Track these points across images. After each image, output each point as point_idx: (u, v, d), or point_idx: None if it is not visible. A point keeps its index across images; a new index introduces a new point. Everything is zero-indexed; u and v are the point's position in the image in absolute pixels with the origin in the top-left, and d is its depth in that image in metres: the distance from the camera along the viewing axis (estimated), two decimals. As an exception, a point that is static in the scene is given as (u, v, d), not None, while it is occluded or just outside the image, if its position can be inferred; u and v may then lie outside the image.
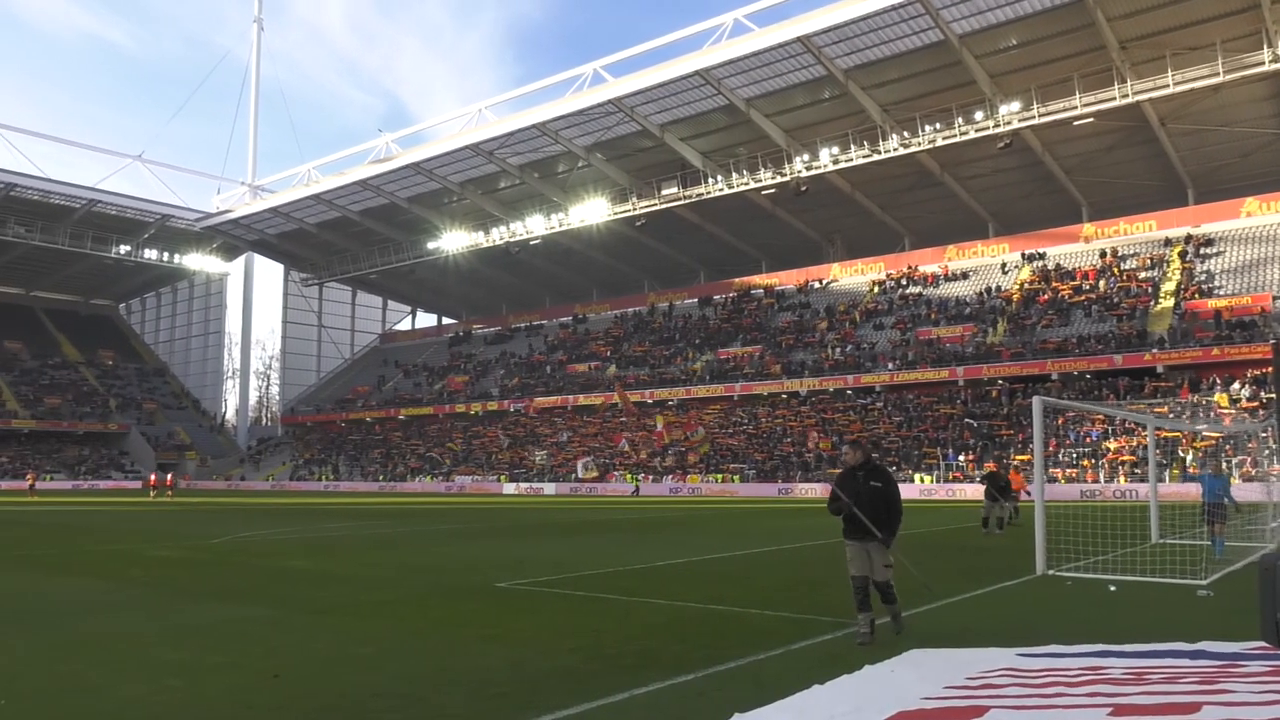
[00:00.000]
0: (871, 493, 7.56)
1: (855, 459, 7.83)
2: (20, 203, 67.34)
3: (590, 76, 51.40)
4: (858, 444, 8.13)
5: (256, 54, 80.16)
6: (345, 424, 74.32)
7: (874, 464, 7.83)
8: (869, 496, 7.53)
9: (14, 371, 75.03)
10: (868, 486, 7.58)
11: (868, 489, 7.57)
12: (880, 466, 7.88)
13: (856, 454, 7.86)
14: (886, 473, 7.82)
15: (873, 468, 7.76)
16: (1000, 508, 18.95)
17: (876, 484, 7.63)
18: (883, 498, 7.56)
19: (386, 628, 8.36)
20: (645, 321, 69.31)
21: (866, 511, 7.45)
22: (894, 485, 7.72)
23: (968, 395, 47.21)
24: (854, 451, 7.93)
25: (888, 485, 7.66)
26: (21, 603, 10.19)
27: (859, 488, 7.60)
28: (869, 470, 7.71)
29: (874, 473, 7.71)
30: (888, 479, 7.72)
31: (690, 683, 6.02)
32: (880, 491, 7.59)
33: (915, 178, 53.54)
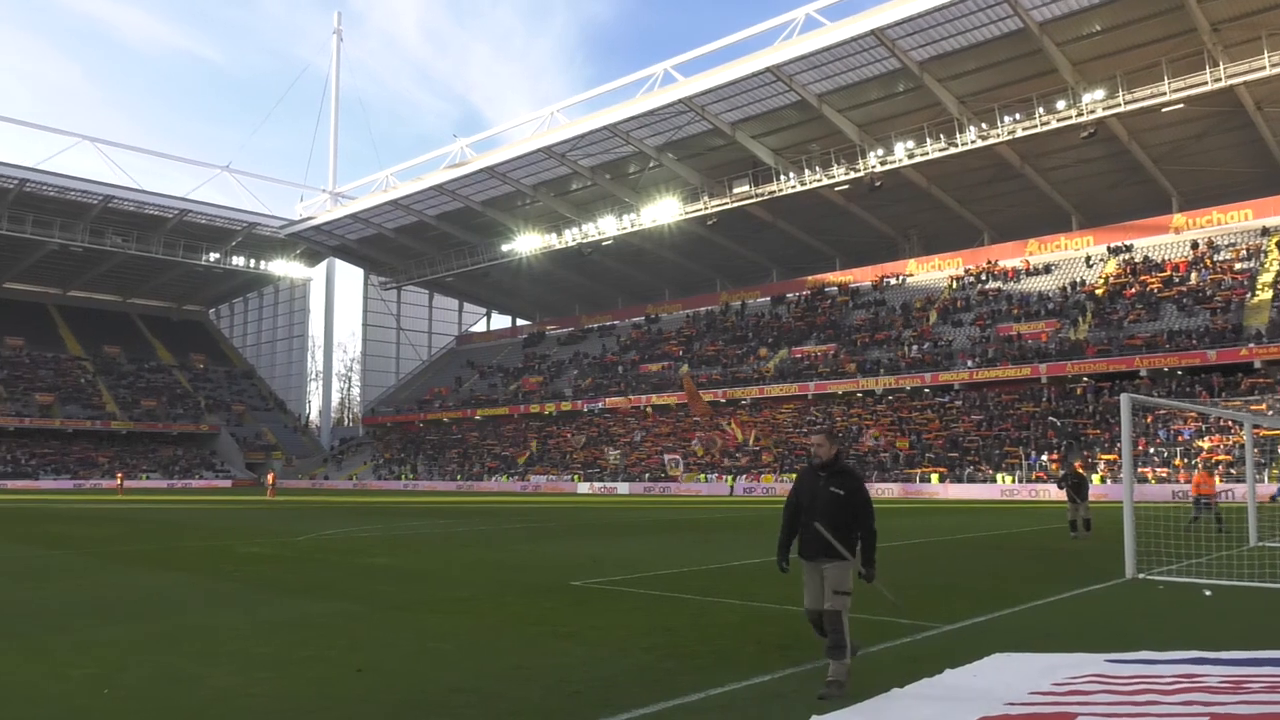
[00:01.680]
0: (830, 501, 5.92)
1: (824, 454, 6.16)
2: (117, 214, 70.47)
3: (661, 76, 51.47)
4: (832, 436, 6.29)
5: (336, 65, 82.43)
6: (423, 424, 75.82)
7: (841, 464, 6.15)
8: (825, 506, 5.93)
9: (113, 375, 78.51)
10: (826, 492, 5.96)
11: (826, 495, 5.95)
12: (849, 469, 6.19)
13: (828, 447, 6.17)
14: (855, 476, 6.15)
15: (839, 469, 6.09)
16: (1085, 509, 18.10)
17: (837, 490, 5.92)
18: (843, 510, 5.92)
19: (465, 624, 8.50)
20: (717, 321, 69.09)
21: (819, 521, 5.94)
22: (862, 494, 6.01)
23: (1051, 393, 45.88)
24: (826, 443, 6.19)
25: (853, 494, 5.94)
26: (124, 596, 10.66)
27: (816, 491, 6.02)
28: (833, 471, 6.06)
29: (839, 475, 6.04)
30: (854, 486, 6.02)
31: (767, 684, 5.99)
32: (840, 502, 5.91)
33: (994, 170, 52.22)
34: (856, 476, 6.14)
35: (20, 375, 73.09)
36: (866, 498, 5.99)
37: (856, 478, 6.13)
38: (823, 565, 5.89)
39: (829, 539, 5.83)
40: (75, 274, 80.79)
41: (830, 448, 6.16)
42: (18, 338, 77.04)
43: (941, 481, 42.69)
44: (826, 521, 5.87)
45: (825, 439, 6.21)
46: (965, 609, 8.99)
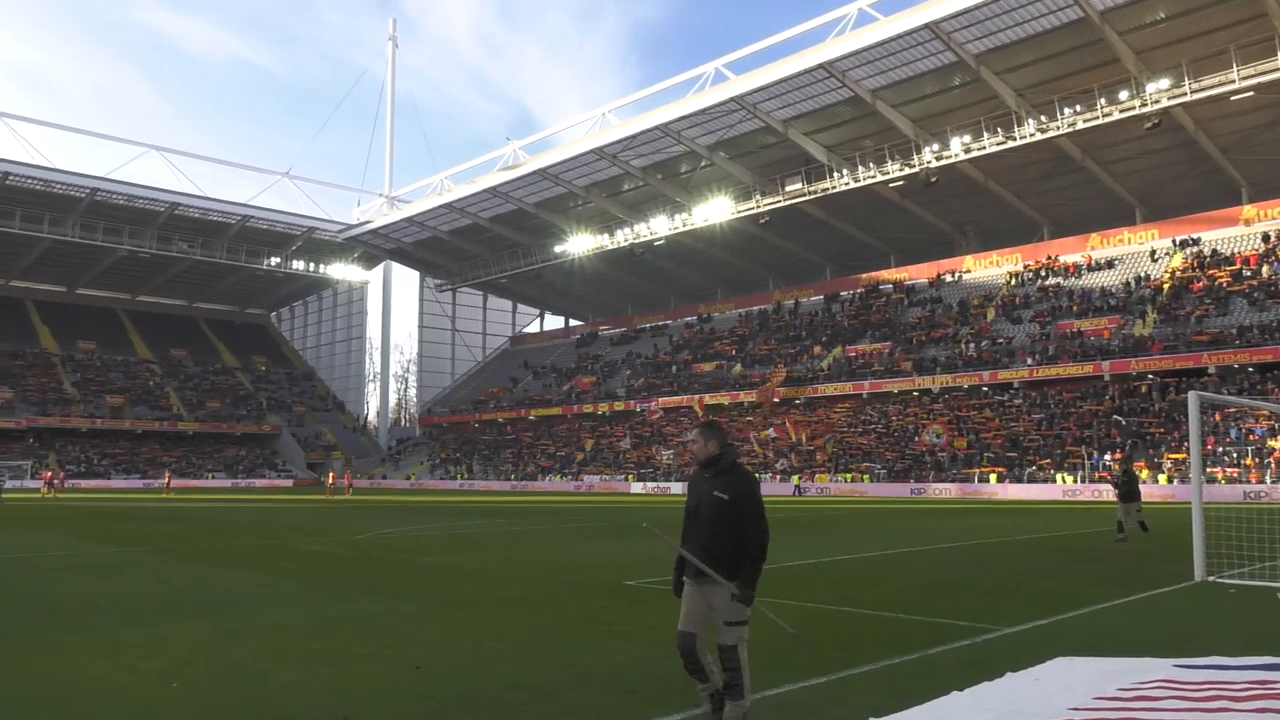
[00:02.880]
0: (713, 507, 4.95)
1: (702, 450, 5.14)
2: (183, 220, 72.48)
3: (712, 75, 51.33)
4: (711, 428, 5.21)
5: (391, 70, 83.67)
6: (479, 424, 76.64)
7: (727, 462, 5.08)
8: (708, 512, 4.97)
9: (179, 377, 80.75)
10: (709, 496, 4.98)
11: (709, 500, 4.98)
12: (736, 467, 5.10)
13: (706, 442, 5.12)
14: (743, 476, 5.07)
15: (724, 468, 5.05)
16: (1137, 510, 17.14)
17: (720, 494, 4.94)
18: (727, 516, 4.91)
19: (520, 622, 8.58)
20: (770, 320, 68.69)
21: (700, 536, 4.97)
22: (750, 499, 4.94)
23: (1115, 391, 44.73)
24: (703, 438, 5.15)
25: (739, 499, 4.92)
26: (190, 593, 10.96)
27: (700, 496, 5.08)
28: (716, 471, 5.07)
29: (723, 475, 5.03)
30: (742, 488, 4.96)
31: (823, 685, 5.94)
32: (724, 507, 4.92)
33: (1054, 164, 51.08)
34: (745, 476, 5.06)
35: (92, 378, 75.56)
36: (756, 502, 4.93)
37: (745, 477, 5.04)
38: (704, 586, 4.94)
39: (704, 557, 4.88)
40: (144, 279, 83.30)
41: (710, 442, 5.10)
42: (90, 341, 79.68)
43: (1000, 482, 41.90)
44: (704, 532, 4.94)
45: (702, 433, 5.17)
46: (1026, 611, 8.81)
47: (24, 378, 71.60)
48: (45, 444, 67.40)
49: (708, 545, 4.92)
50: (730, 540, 4.88)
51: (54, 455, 65.70)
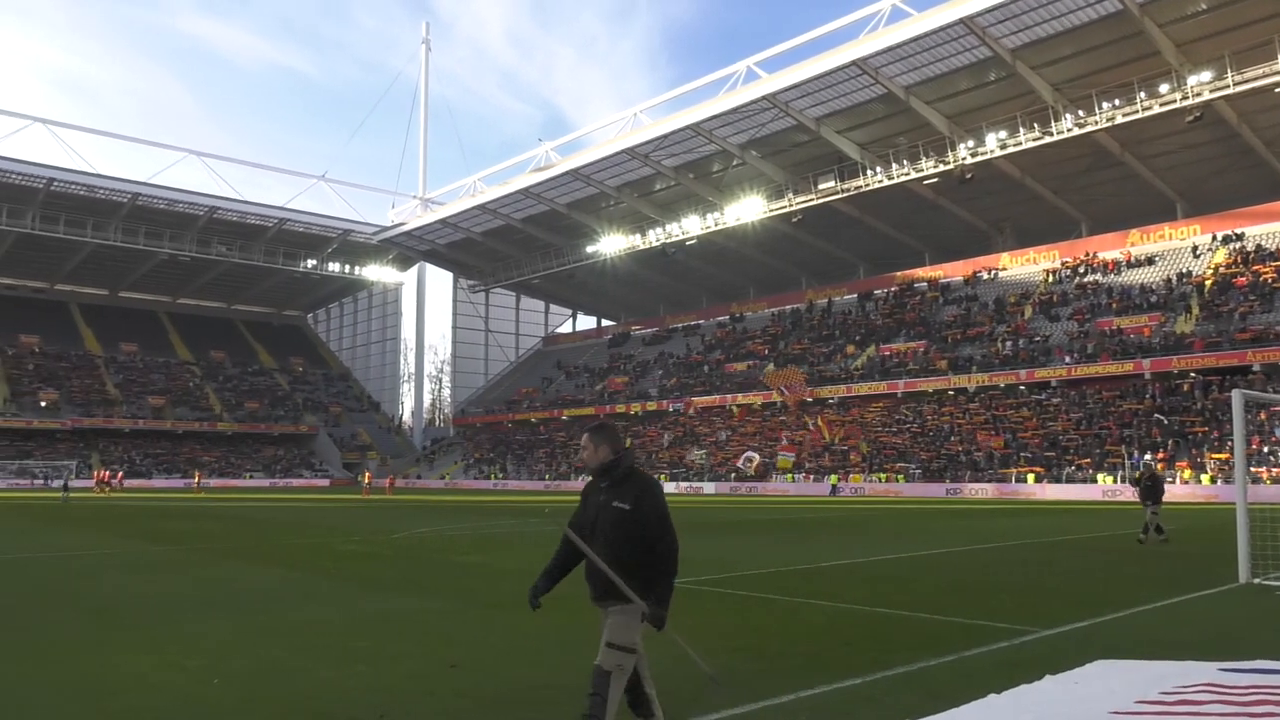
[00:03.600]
0: (612, 520, 4.33)
1: (592, 457, 4.49)
2: (222, 224, 73.64)
3: (744, 74, 51.16)
4: (601, 431, 4.55)
5: (425, 74, 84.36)
6: (512, 424, 77.02)
7: (624, 468, 4.46)
8: (606, 527, 4.35)
9: (218, 379, 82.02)
10: (607, 508, 4.38)
11: (606, 513, 4.37)
12: (634, 473, 4.46)
13: (596, 448, 4.47)
14: (644, 484, 4.43)
15: (622, 474, 4.44)
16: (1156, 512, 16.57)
17: (620, 505, 4.34)
18: (630, 528, 4.29)
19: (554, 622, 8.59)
20: (803, 318, 68.34)
21: (600, 553, 4.33)
22: (655, 507, 4.34)
23: (1155, 389, 43.95)
24: (593, 445, 4.48)
25: (642, 508, 4.32)
26: (229, 590, 11.13)
27: (596, 509, 4.46)
28: (613, 480, 4.44)
29: (621, 485, 4.41)
30: (644, 495, 4.36)
31: (858, 687, 5.90)
32: (624, 520, 4.31)
33: (1092, 159, 50.29)
34: (645, 481, 4.43)
35: (134, 379, 76.97)
36: (660, 513, 4.32)
37: (646, 483, 4.41)
38: (609, 609, 4.31)
39: (609, 575, 4.25)
40: (184, 282, 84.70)
41: (601, 448, 4.44)
42: (132, 343, 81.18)
43: (1038, 482, 41.34)
44: (610, 547, 4.29)
45: (592, 437, 4.48)
46: (1065, 613, 8.69)
47: (68, 379, 73.13)
48: (89, 444, 68.78)
49: (611, 563, 4.25)
50: (636, 555, 4.25)
51: (97, 455, 67.01)
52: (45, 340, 76.43)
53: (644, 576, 4.27)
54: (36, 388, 70.34)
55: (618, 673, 4.28)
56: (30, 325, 77.03)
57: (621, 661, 4.29)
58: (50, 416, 68.24)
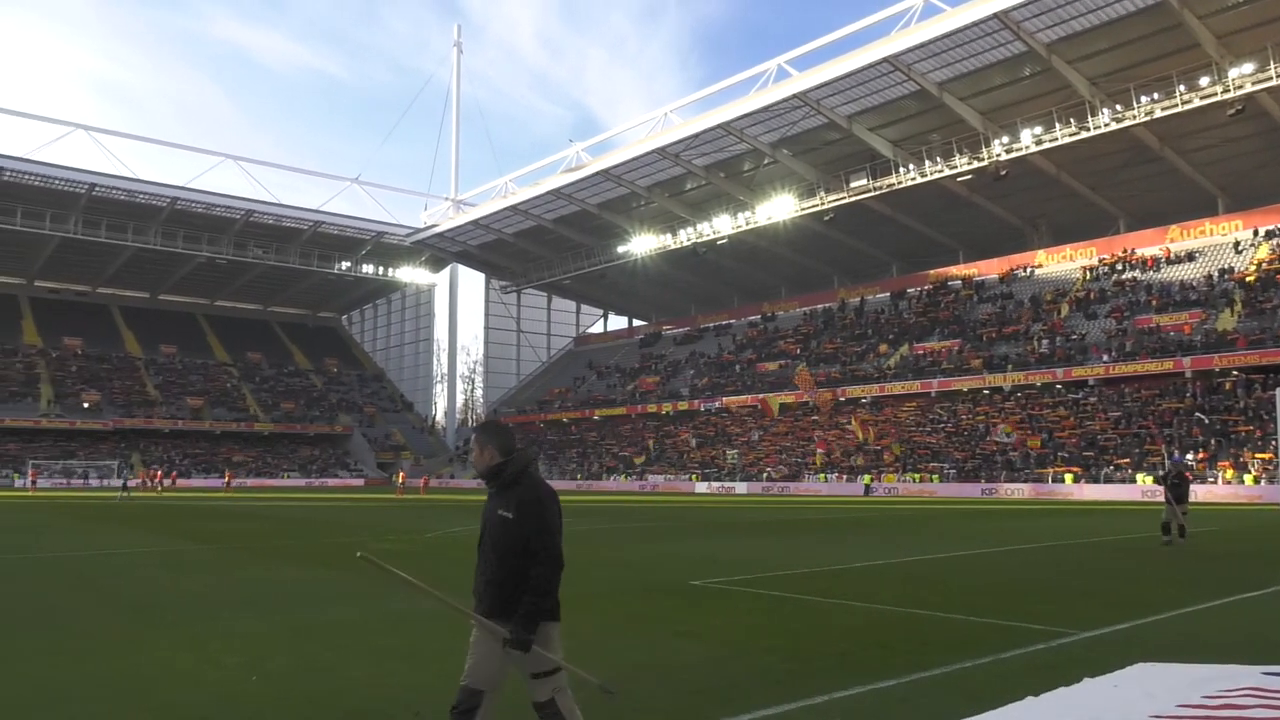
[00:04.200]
0: (499, 528, 3.92)
1: (480, 459, 4.04)
2: (258, 227, 74.73)
3: (774, 72, 50.95)
4: (489, 430, 4.07)
5: (456, 76, 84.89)
6: (544, 424, 77.31)
7: (513, 471, 3.96)
8: (494, 535, 3.95)
9: (255, 380, 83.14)
10: (495, 517, 3.96)
11: (494, 521, 3.96)
12: (525, 476, 3.97)
13: (484, 450, 4.01)
14: (533, 489, 3.93)
15: (510, 478, 3.96)
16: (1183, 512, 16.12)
17: (504, 512, 3.90)
18: (513, 540, 3.86)
19: (587, 622, 8.62)
20: (835, 318, 67.93)
21: (487, 567, 3.98)
22: (538, 516, 3.86)
23: (1196, 388, 43.15)
24: (480, 445, 4.03)
25: (525, 517, 3.86)
26: (266, 589, 11.27)
27: (486, 516, 4.05)
28: (501, 484, 3.99)
29: (507, 490, 3.96)
30: (528, 503, 3.89)
31: (892, 689, 5.84)
32: (509, 529, 3.88)
33: (1130, 154, 49.47)
34: (534, 487, 3.92)
35: (173, 380, 78.25)
36: (542, 524, 3.84)
37: (533, 489, 3.92)
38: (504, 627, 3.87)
39: (494, 593, 3.88)
40: (221, 285, 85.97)
41: (487, 448, 3.98)
42: (171, 345, 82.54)
43: (1076, 482, 40.76)
44: (495, 560, 3.91)
45: (479, 437, 4.04)
46: (1103, 615, 8.55)
47: (110, 380, 74.51)
48: (130, 444, 70.00)
49: (497, 579, 3.87)
50: (520, 571, 3.83)
51: (138, 455, 68.19)
52: (88, 342, 77.95)
53: (511, 592, 3.83)
54: (79, 389, 71.75)
55: (560, 694, 3.99)
56: (73, 328, 78.60)
57: (552, 684, 3.96)
58: (93, 417, 69.56)
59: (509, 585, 3.88)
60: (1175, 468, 17.17)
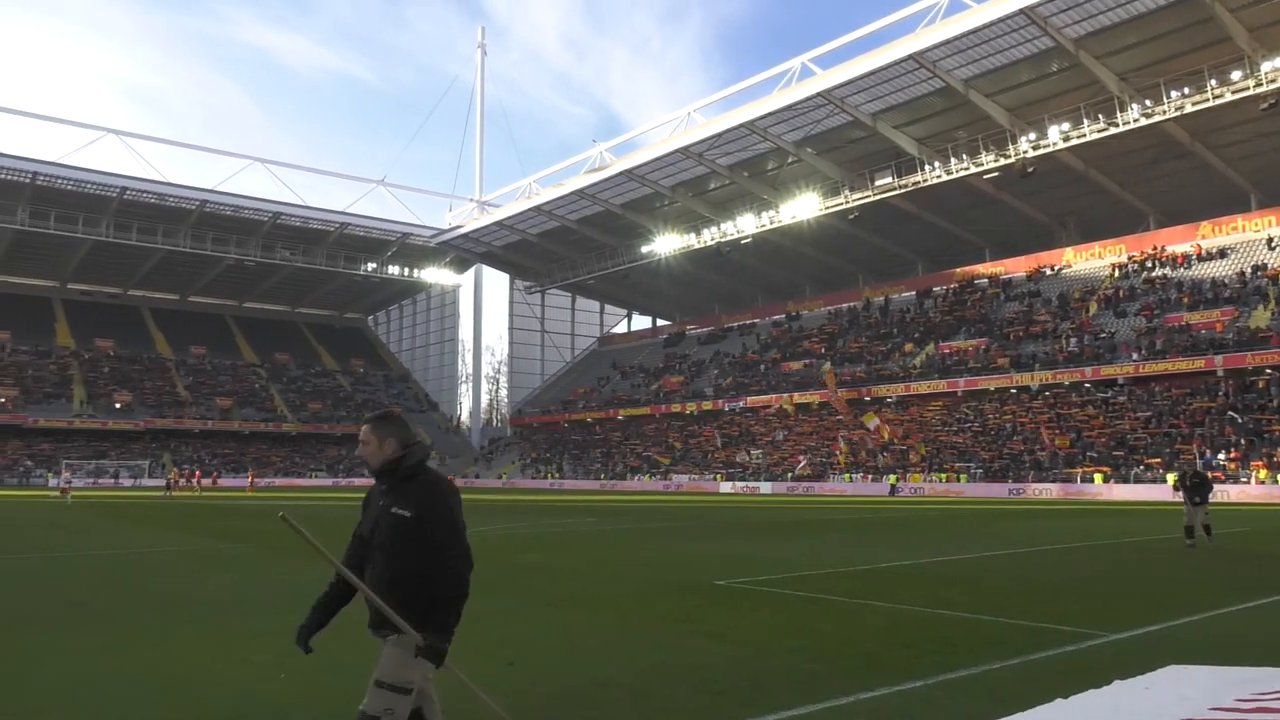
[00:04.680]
0: (394, 528, 3.51)
1: (373, 454, 3.64)
2: (285, 229, 75.51)
3: (798, 70, 50.75)
4: (386, 421, 3.69)
5: (481, 78, 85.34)
6: (568, 424, 77.47)
7: (410, 466, 3.60)
8: (388, 536, 3.53)
9: (282, 380, 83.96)
10: (386, 515, 3.55)
11: (388, 520, 3.53)
12: (423, 472, 3.61)
13: (384, 443, 3.62)
14: (433, 486, 3.56)
15: (407, 473, 3.59)
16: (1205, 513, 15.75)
17: (400, 511, 3.50)
18: (412, 541, 3.48)
19: (611, 621, 8.63)
20: (860, 317, 67.57)
21: (378, 571, 3.55)
22: (443, 515, 3.49)
23: (1228, 387, 42.52)
24: (377, 438, 3.62)
25: (427, 516, 3.47)
26: (292, 587, 11.37)
27: (375, 516, 3.63)
28: (396, 481, 3.60)
29: (406, 485, 3.57)
30: (430, 501, 3.50)
31: (918, 690, 5.80)
32: (408, 529, 3.48)
33: (1159, 150, 48.83)
34: (434, 484, 3.56)
35: (203, 381, 79.20)
36: (450, 522, 3.49)
37: (434, 486, 3.55)
38: (385, 639, 3.58)
39: (386, 600, 3.46)
40: (249, 286, 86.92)
41: (387, 441, 3.61)
42: (201, 346, 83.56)
43: (1105, 482, 40.29)
44: (389, 563, 3.51)
45: (375, 429, 3.63)
46: (1134, 616, 8.45)
47: (141, 381, 75.53)
48: (161, 444, 70.93)
49: (390, 582, 3.47)
50: (419, 574, 3.44)
51: (169, 455, 69.05)
52: (119, 344, 79.08)
53: (425, 600, 3.44)
54: (111, 390, 72.79)
55: (386, 717, 3.48)
56: (105, 330, 79.78)
57: (392, 705, 3.48)
58: (124, 418, 70.53)
59: (403, 589, 3.43)
60: (1192, 466, 16.88)
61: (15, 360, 72.52)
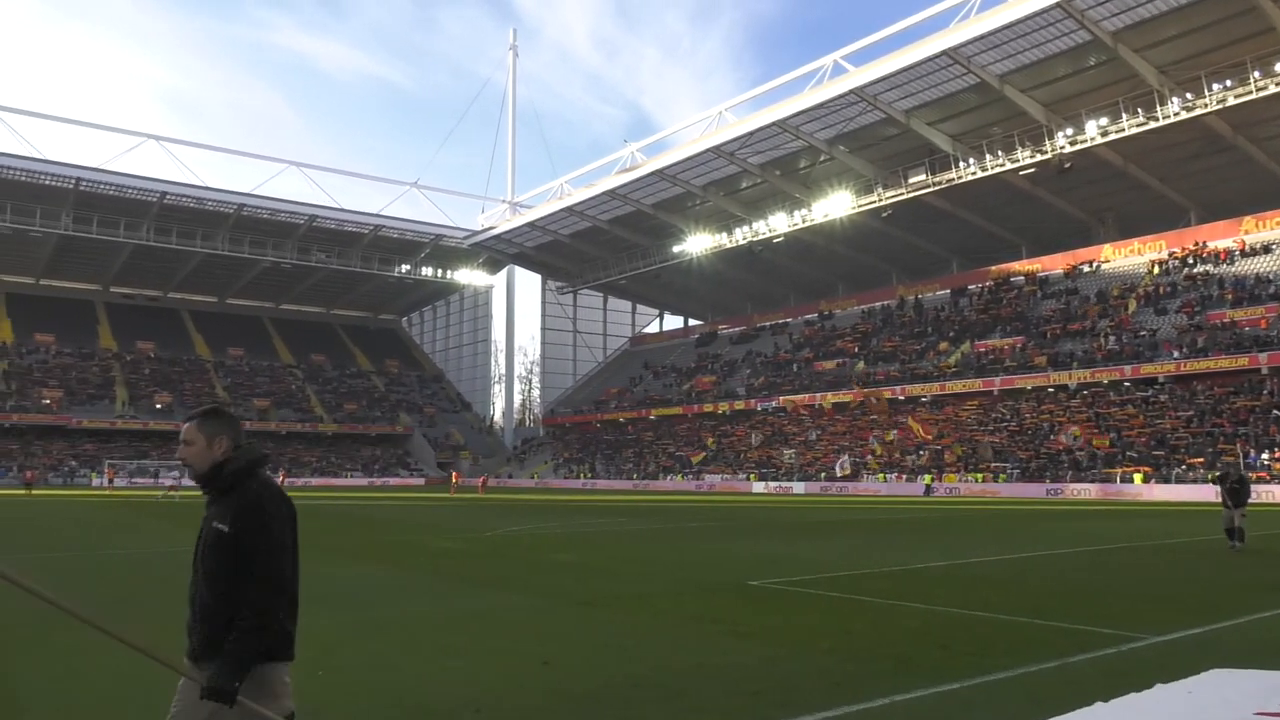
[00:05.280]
0: (214, 545, 3.06)
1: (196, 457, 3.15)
2: (321, 232, 76.39)
3: (830, 68, 50.43)
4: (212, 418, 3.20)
5: (512, 80, 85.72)
6: (600, 424, 77.60)
7: (234, 471, 3.12)
8: (209, 554, 3.08)
9: (318, 381, 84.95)
10: (210, 531, 3.09)
11: (210, 536, 3.08)
12: (249, 477, 3.12)
13: (212, 443, 3.14)
14: (257, 497, 3.08)
15: (229, 481, 3.11)
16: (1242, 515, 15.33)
17: (220, 525, 3.04)
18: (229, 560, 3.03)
19: (645, 621, 8.64)
20: (894, 315, 67.01)
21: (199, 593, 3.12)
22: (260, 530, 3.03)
23: (1273, 385, 41.61)
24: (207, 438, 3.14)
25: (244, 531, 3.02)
26: (329, 587, 11.50)
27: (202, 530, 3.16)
28: (218, 490, 3.13)
29: (225, 497, 3.11)
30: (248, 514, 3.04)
31: (955, 692, 5.75)
32: (226, 546, 3.03)
33: (1201, 144, 47.89)
34: (259, 494, 3.09)
35: (241, 382, 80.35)
36: (267, 540, 3.04)
37: (258, 497, 3.08)
38: (204, 670, 3.00)
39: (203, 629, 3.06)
40: (285, 289, 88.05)
41: (218, 440, 3.14)
42: (239, 348, 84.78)
43: (1146, 482, 39.61)
44: (208, 584, 3.07)
45: (200, 427, 3.15)
46: (1176, 619, 8.31)
47: (181, 383, 76.79)
48: (200, 444, 71.99)
49: (208, 608, 3.06)
50: (232, 598, 3.01)
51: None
52: (160, 346, 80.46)
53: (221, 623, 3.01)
54: (152, 391, 74.08)
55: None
56: (146, 332, 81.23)
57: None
58: (165, 418, 71.69)
59: (220, 614, 3.02)
60: (1233, 468, 16.49)
61: (60, 362, 74.06)
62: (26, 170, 62.75)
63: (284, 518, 3.15)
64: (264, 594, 3.03)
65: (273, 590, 3.06)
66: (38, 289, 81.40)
